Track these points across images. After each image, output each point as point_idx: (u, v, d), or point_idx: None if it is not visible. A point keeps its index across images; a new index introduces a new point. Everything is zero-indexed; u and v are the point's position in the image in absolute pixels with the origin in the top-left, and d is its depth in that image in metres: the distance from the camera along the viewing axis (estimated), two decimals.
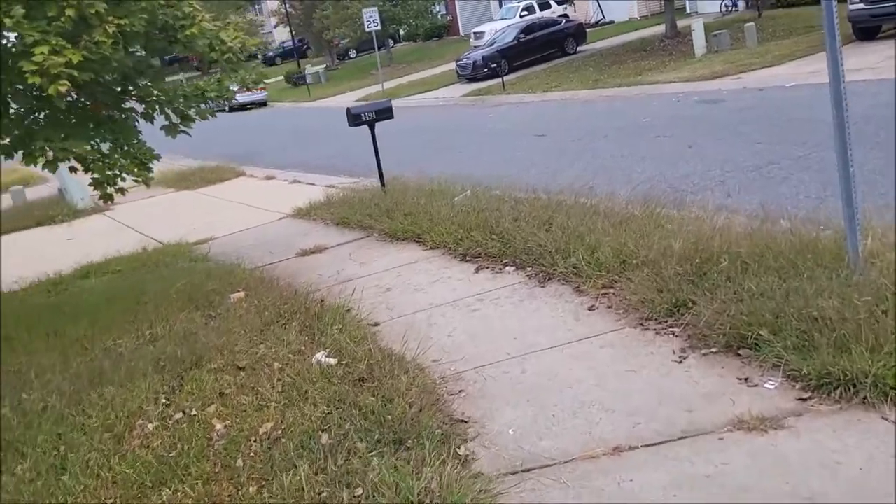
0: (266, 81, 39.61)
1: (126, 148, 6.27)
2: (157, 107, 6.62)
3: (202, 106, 6.81)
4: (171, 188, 16.03)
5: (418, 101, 26.03)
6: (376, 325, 5.74)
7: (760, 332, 4.09)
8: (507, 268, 6.44)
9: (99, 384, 5.03)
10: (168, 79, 7.27)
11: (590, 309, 5.27)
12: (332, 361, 4.85)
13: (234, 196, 13.68)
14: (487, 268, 6.58)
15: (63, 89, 5.05)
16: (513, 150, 13.57)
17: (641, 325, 4.82)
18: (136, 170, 6.32)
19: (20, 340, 6.53)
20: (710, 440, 3.50)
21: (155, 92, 6.54)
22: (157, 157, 6.67)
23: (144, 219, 12.90)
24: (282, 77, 44.79)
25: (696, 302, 4.64)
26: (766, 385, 3.85)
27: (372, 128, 9.60)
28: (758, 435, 3.46)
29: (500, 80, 24.45)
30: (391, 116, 9.75)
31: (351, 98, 29.00)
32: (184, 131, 6.90)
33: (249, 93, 35.12)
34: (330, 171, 13.77)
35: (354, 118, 9.58)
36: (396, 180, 10.00)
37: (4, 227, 14.49)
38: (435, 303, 6.04)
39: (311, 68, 42.92)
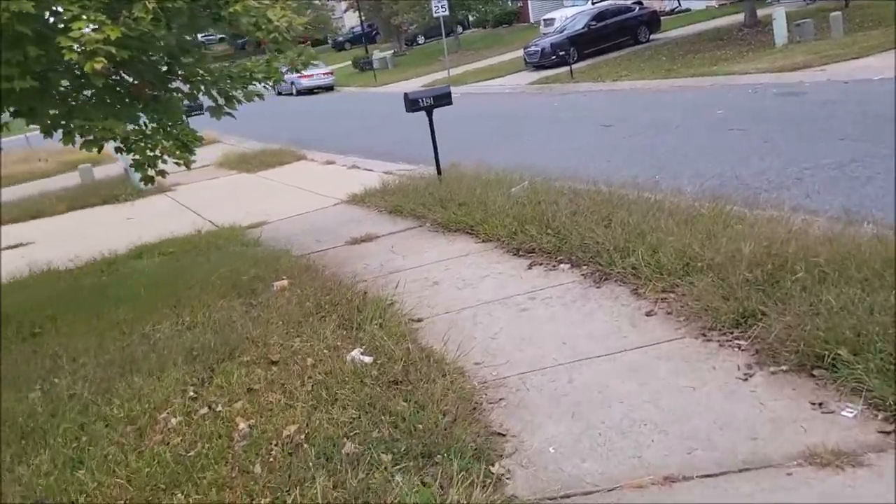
0: (333, 66, 39.90)
1: (168, 129, 6.10)
2: (201, 87, 6.43)
3: (249, 87, 6.59)
4: (234, 170, 16.14)
5: (485, 88, 25.62)
6: (419, 321, 5.46)
7: (839, 352, 3.64)
8: (562, 265, 6.07)
9: (129, 372, 4.89)
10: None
11: (647, 314, 4.87)
12: (368, 360, 4.58)
13: (292, 180, 13.60)
14: (541, 264, 6.22)
15: (99, 66, 4.88)
16: (578, 140, 13.11)
17: (704, 335, 4.39)
18: (177, 152, 6.16)
19: (64, 321, 6.48)
20: (777, 475, 3.08)
21: (200, 72, 6.35)
22: (200, 140, 6.49)
23: (203, 201, 12.96)
24: (349, 62, 44.93)
25: (766, 313, 4.19)
26: (843, 413, 3.41)
27: (430, 114, 9.30)
28: (832, 472, 3.03)
29: (568, 68, 23.83)
30: (450, 103, 9.43)
31: (416, 84, 28.79)
32: (228, 113, 6.70)
33: (316, 76, 35.43)
34: (392, 158, 13.54)
35: (412, 104, 9.30)
36: (454, 168, 9.69)
37: (72, 205, 14.90)
38: (483, 300, 5.72)
39: (378, 53, 42.83)
